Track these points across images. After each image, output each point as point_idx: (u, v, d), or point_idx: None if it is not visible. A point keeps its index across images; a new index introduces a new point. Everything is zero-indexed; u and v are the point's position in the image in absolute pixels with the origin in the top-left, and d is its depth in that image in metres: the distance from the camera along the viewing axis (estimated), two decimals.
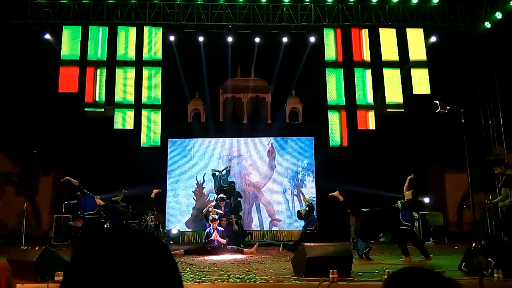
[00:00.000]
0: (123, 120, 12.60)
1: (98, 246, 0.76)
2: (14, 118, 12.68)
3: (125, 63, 12.85)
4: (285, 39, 13.18)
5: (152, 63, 12.94)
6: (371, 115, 12.83)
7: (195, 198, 13.07)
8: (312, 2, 12.87)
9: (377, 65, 13.08)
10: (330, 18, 13.05)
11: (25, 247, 5.93)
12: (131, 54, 12.88)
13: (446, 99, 5.59)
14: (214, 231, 8.88)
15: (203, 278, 5.62)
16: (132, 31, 12.92)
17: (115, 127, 12.51)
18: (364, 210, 8.83)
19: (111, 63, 12.82)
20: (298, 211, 10.24)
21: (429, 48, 13.03)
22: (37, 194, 10.84)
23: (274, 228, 12.91)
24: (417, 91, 12.74)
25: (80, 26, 12.79)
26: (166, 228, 12.69)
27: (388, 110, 13.07)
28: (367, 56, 13.07)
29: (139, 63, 12.91)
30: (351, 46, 13.05)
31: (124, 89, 12.76)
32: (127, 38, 12.89)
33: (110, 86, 12.90)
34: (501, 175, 7.66)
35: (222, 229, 9.11)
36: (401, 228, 7.96)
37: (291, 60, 13.46)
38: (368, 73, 13.01)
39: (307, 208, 9.78)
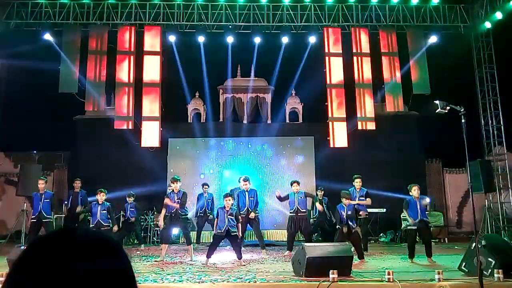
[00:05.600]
0: (123, 120, 12.59)
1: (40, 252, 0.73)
2: (15, 118, 12.69)
3: (125, 63, 12.84)
4: (285, 39, 13.17)
5: (152, 63, 12.92)
6: (370, 115, 12.84)
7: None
8: (312, 2, 12.88)
9: (376, 65, 13.10)
10: (330, 18, 13.07)
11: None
12: (131, 54, 12.89)
13: (446, 99, 5.58)
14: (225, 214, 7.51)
15: (203, 278, 5.62)
16: (132, 30, 12.93)
17: (115, 127, 12.50)
18: None
19: (111, 63, 12.82)
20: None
21: (429, 48, 13.04)
22: None
23: (273, 228, 12.89)
24: (417, 91, 12.75)
25: (80, 26, 12.82)
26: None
27: (388, 110, 13.09)
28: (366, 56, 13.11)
29: (139, 63, 12.91)
30: (351, 46, 13.07)
31: (124, 89, 12.76)
32: (127, 37, 12.90)
33: (110, 86, 12.92)
34: None
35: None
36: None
37: (291, 60, 13.46)
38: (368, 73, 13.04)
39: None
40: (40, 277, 0.69)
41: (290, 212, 9.09)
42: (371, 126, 12.76)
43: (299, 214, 8.91)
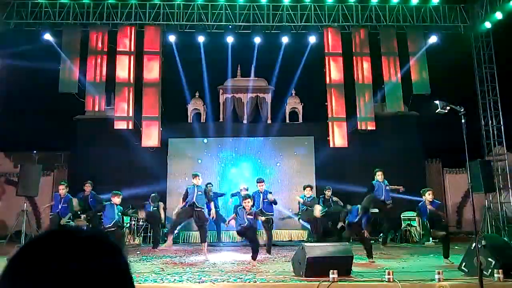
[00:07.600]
0: (123, 120, 12.59)
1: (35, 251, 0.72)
2: (15, 118, 12.69)
3: (125, 63, 12.84)
4: (285, 39, 13.17)
5: (152, 63, 12.93)
6: (370, 115, 12.84)
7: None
8: (312, 2, 12.88)
9: (376, 65, 13.10)
10: (330, 18, 13.07)
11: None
12: (131, 54, 12.89)
13: (446, 99, 5.58)
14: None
15: (203, 278, 5.62)
16: (132, 30, 12.93)
17: (115, 127, 12.51)
18: None
19: (111, 63, 12.82)
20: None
21: (429, 48, 13.04)
22: (37, 194, 10.83)
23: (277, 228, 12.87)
24: (417, 91, 12.76)
25: (81, 26, 12.82)
26: (166, 228, 12.65)
27: (388, 110, 13.09)
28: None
29: (139, 63, 12.91)
30: (351, 46, 13.07)
31: (124, 89, 12.76)
32: (127, 37, 12.90)
33: (110, 86, 12.92)
34: None
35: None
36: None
37: (291, 60, 13.45)
38: (368, 73, 13.05)
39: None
40: (36, 276, 0.68)
41: None
42: (371, 126, 12.77)
43: None
